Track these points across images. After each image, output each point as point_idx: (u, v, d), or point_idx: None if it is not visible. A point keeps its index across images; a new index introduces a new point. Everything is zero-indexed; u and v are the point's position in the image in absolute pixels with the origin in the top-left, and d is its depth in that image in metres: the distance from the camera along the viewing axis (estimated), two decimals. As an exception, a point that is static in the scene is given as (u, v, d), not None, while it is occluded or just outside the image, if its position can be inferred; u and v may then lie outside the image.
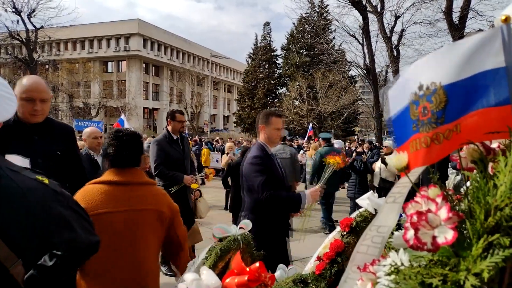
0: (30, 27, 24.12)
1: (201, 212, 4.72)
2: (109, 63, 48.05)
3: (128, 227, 1.91)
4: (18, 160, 2.17)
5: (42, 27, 24.26)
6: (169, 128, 4.41)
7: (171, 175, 4.21)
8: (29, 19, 23.69)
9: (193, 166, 5.01)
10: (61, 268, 1.25)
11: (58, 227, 1.24)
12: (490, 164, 0.68)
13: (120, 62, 47.36)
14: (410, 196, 0.72)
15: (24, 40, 24.22)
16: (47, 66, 34.85)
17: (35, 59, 24.96)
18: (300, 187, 8.29)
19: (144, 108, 47.37)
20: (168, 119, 4.43)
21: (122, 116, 10.18)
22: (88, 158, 3.94)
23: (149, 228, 1.97)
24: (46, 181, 1.28)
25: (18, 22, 23.62)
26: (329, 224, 7.31)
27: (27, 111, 2.27)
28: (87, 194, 1.92)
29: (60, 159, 2.44)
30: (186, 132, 29.92)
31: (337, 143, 8.61)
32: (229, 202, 7.14)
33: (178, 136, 4.44)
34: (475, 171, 0.69)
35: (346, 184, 8.15)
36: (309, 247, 5.00)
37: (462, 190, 0.73)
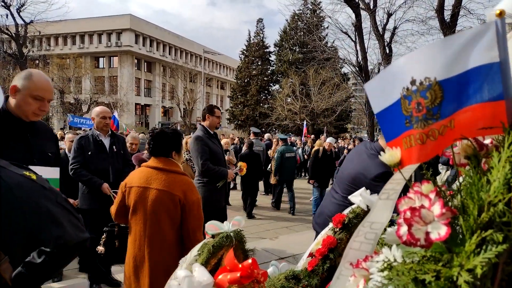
0: (19, 21, 23.82)
1: None
2: (101, 59, 47.59)
3: (140, 201, 2.39)
4: (49, 171, 2.16)
5: (31, 21, 23.91)
6: (206, 123, 4.32)
7: (217, 171, 4.17)
8: (18, 13, 23.35)
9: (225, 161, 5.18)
10: (50, 265, 1.23)
11: (46, 223, 1.22)
12: (483, 160, 0.68)
13: (111, 57, 46.94)
14: (403, 192, 0.71)
15: (13, 34, 23.86)
16: (37, 61, 34.41)
17: (25, 54, 24.59)
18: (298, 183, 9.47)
19: (136, 104, 47.07)
20: (206, 114, 4.34)
21: (115, 114, 10.14)
22: (94, 140, 3.87)
23: (161, 207, 2.36)
24: (34, 176, 1.26)
25: (7, 16, 23.29)
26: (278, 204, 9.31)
27: (32, 109, 2.12)
28: (134, 172, 2.57)
29: (50, 161, 2.35)
30: (179, 129, 29.83)
31: (330, 140, 8.77)
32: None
33: (213, 132, 4.40)
34: (468, 167, 0.69)
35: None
36: (302, 244, 5.02)
37: (454, 186, 0.73)
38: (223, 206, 4.49)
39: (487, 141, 0.70)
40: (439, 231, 0.55)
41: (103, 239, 3.17)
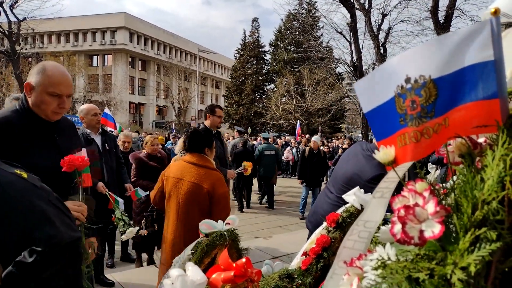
0: (12, 18, 23.45)
1: None
2: (95, 57, 47.29)
3: (174, 190, 2.73)
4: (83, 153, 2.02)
5: (25, 18, 23.60)
6: (207, 122, 4.32)
7: None
8: (11, 10, 23.03)
9: (228, 160, 5.19)
10: (42, 264, 1.21)
11: (38, 222, 1.21)
12: (477, 159, 0.68)
13: (105, 55, 46.65)
14: (396, 190, 0.71)
15: (6, 32, 23.55)
16: (30, 59, 34.05)
17: (18, 51, 24.30)
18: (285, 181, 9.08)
19: (130, 102, 46.81)
20: (207, 114, 4.34)
21: (106, 110, 10.07)
22: (85, 139, 3.70)
23: (191, 198, 2.67)
24: (25, 175, 1.24)
25: (0, 13, 22.98)
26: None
27: (50, 108, 1.89)
28: (172, 164, 2.94)
29: None
30: (173, 128, 29.66)
31: (315, 139, 8.83)
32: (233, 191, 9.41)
33: (215, 131, 4.35)
34: (461, 165, 0.69)
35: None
36: (296, 243, 5.02)
37: (448, 184, 0.73)
38: None
39: (481, 139, 0.70)
40: (433, 229, 0.55)
41: (144, 223, 3.70)
